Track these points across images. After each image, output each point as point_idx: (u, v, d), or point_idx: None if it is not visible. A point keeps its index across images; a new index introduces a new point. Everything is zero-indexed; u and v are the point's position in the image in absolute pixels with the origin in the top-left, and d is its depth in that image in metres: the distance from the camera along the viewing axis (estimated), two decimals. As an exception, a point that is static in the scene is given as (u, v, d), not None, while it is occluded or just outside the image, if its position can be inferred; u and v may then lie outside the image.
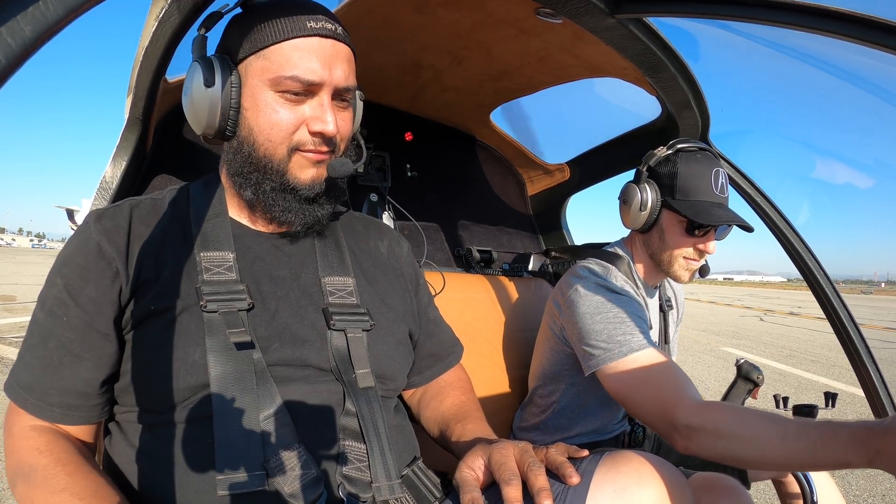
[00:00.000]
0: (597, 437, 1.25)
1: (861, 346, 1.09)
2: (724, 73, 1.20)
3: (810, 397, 4.34)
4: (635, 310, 1.05)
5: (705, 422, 0.85)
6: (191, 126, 0.71)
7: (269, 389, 0.64)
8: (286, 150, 0.68)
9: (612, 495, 0.64)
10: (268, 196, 0.70)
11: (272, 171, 0.68)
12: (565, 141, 1.75)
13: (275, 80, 0.65)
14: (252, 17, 0.67)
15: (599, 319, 1.04)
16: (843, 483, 2.59)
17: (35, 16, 0.26)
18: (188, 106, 0.69)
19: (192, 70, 0.68)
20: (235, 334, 0.63)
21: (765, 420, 0.79)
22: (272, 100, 0.66)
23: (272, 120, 0.66)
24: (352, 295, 0.77)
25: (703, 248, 1.10)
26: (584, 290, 1.09)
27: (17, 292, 9.40)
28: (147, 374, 0.62)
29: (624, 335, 1.01)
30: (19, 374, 0.63)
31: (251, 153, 0.68)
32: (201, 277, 0.66)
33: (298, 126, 0.67)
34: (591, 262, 1.18)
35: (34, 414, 0.62)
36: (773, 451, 0.76)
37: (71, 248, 0.65)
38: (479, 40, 1.20)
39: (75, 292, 0.63)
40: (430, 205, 1.71)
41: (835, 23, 0.65)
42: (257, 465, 0.60)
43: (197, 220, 0.71)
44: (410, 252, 0.96)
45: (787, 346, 7.73)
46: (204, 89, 0.65)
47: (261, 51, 0.65)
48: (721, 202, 1.07)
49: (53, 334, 0.62)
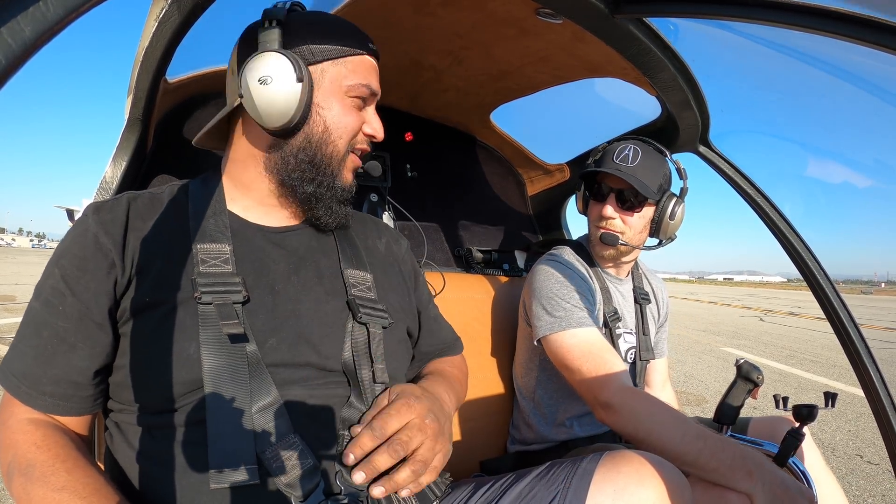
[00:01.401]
0: (593, 430, 1.26)
1: (861, 346, 1.09)
2: (724, 73, 1.20)
3: (810, 397, 4.34)
4: (580, 287, 1.18)
5: (623, 404, 0.98)
6: (259, 118, 0.68)
7: (263, 382, 0.64)
8: (345, 150, 0.75)
9: (612, 495, 0.64)
10: (324, 192, 0.75)
11: (329, 169, 0.74)
12: (565, 141, 1.75)
13: (353, 86, 0.73)
14: (324, 25, 0.72)
15: (546, 292, 1.17)
16: (844, 483, 2.59)
17: (35, 16, 0.26)
18: (269, 97, 0.67)
19: (273, 62, 0.66)
20: (228, 326, 0.63)
21: (673, 418, 0.94)
22: (347, 103, 0.74)
23: (346, 120, 0.74)
24: (371, 290, 0.79)
25: (601, 213, 1.22)
26: (536, 267, 1.26)
27: (17, 292, 9.40)
28: (143, 369, 0.62)
29: (565, 311, 1.13)
30: (12, 363, 0.63)
31: (319, 149, 0.73)
32: (197, 269, 0.66)
33: (360, 128, 0.76)
34: (553, 249, 1.33)
35: (26, 403, 0.62)
36: (673, 447, 0.89)
37: (69, 240, 0.66)
38: (479, 40, 1.20)
39: (72, 282, 0.63)
40: (430, 205, 1.71)
41: (835, 23, 0.65)
42: (250, 459, 0.60)
43: (195, 215, 0.72)
44: (409, 250, 0.97)
45: (787, 346, 7.73)
46: (295, 83, 0.67)
47: (340, 59, 0.72)
48: (609, 168, 1.19)
49: (48, 323, 0.62)
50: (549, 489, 0.71)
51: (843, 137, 1.64)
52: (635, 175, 1.16)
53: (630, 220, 1.21)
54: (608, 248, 1.24)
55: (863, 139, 1.74)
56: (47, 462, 0.57)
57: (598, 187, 1.25)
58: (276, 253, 0.74)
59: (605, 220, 1.22)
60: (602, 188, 1.23)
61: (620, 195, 1.21)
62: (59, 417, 0.64)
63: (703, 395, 4.36)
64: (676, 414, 0.96)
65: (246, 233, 0.74)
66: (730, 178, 1.26)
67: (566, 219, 1.96)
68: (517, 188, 1.99)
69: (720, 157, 1.29)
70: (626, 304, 1.33)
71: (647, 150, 1.20)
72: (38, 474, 0.56)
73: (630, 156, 1.19)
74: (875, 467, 2.84)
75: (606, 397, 1.01)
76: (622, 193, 1.20)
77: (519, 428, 1.35)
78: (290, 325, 0.69)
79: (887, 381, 1.07)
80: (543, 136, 1.82)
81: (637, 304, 1.36)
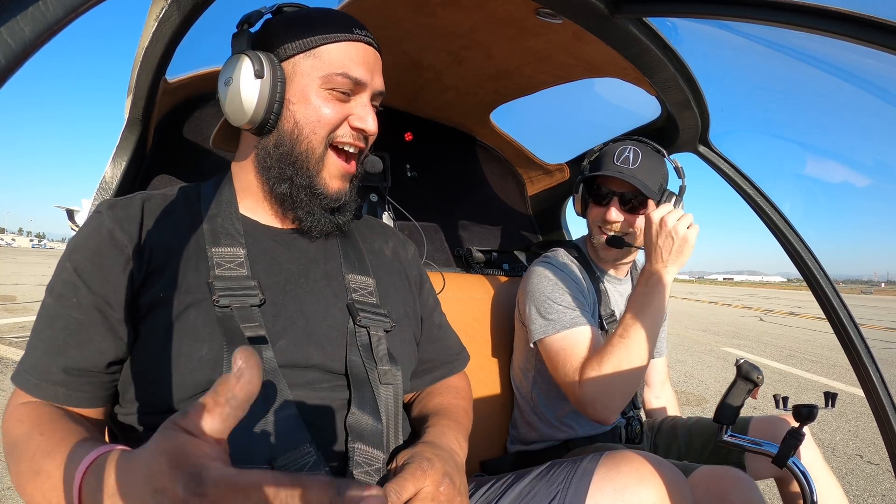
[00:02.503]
0: (593, 430, 1.26)
1: (861, 346, 1.09)
2: (724, 73, 1.20)
3: (810, 397, 4.34)
4: (574, 289, 1.19)
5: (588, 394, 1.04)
6: (229, 118, 0.71)
7: (279, 388, 0.63)
8: (324, 146, 0.71)
9: (612, 495, 0.64)
10: (300, 192, 0.72)
11: (306, 167, 0.71)
12: (565, 141, 1.75)
13: (327, 77, 0.69)
14: (298, 20, 0.70)
15: (539, 295, 1.19)
16: (844, 483, 2.59)
17: (35, 16, 0.26)
18: (231, 96, 0.69)
19: (235, 62, 0.68)
20: (250, 328, 0.63)
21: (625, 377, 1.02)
22: (322, 95, 0.69)
23: (320, 114, 0.70)
24: (372, 295, 0.78)
25: (605, 217, 1.22)
26: (531, 270, 1.27)
27: (17, 292, 9.40)
28: (153, 368, 0.62)
29: (558, 313, 1.15)
30: (25, 360, 0.62)
31: (293, 147, 0.70)
32: (213, 273, 0.66)
33: (341, 122, 0.71)
34: (550, 251, 1.34)
35: (34, 394, 0.61)
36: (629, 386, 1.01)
37: (83, 235, 0.65)
38: (479, 40, 1.20)
39: (86, 275, 0.62)
40: (429, 205, 1.71)
41: (835, 23, 0.65)
42: (264, 464, 0.59)
43: (208, 217, 0.72)
44: (416, 255, 0.96)
45: (786, 346, 7.73)
46: (254, 80, 0.67)
47: (312, 50, 0.69)
48: (613, 171, 1.19)
49: (61, 315, 0.61)
50: (550, 489, 0.71)
51: (843, 137, 1.64)
52: (638, 177, 1.17)
53: (634, 221, 1.22)
54: (613, 250, 1.24)
55: (863, 139, 1.74)
56: (26, 433, 0.56)
57: (598, 190, 1.25)
58: (287, 254, 0.74)
59: (610, 223, 1.22)
60: (603, 191, 1.23)
61: (623, 197, 1.21)
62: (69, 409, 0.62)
63: (703, 395, 4.36)
64: (627, 373, 1.02)
65: (257, 234, 0.74)
66: (729, 177, 1.26)
67: (566, 219, 1.96)
68: (517, 188, 1.99)
69: (720, 157, 1.29)
70: (624, 305, 1.34)
71: (646, 151, 1.20)
72: (20, 449, 0.55)
73: (630, 157, 1.19)
74: (875, 467, 2.84)
75: (580, 393, 1.06)
76: (624, 195, 1.21)
77: (519, 427, 1.35)
78: (299, 327, 0.69)
79: (887, 381, 1.07)
80: (543, 136, 1.82)
81: None
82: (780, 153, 1.74)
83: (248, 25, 0.72)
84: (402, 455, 0.65)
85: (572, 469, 0.71)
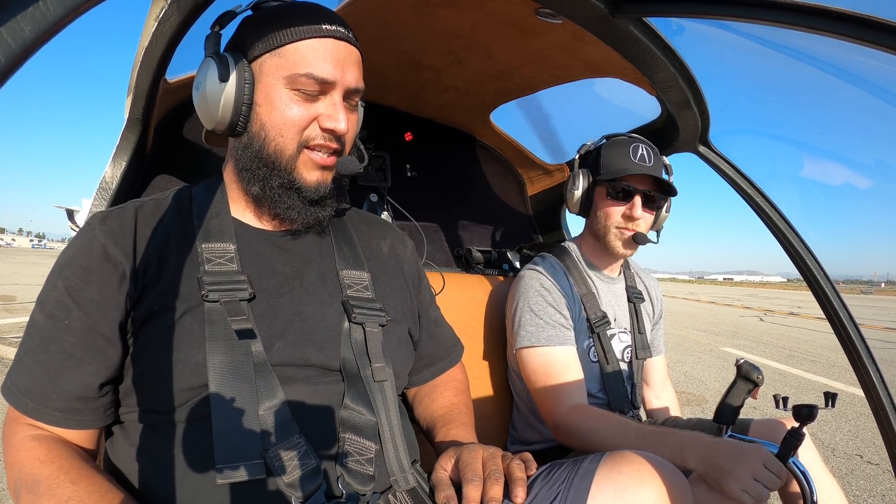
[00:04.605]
0: None
1: (861, 346, 1.09)
2: (724, 73, 1.20)
3: (810, 397, 4.34)
4: (556, 300, 1.19)
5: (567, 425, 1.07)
6: (202, 121, 0.71)
7: (269, 381, 0.64)
8: (296, 147, 0.69)
9: (612, 495, 0.64)
10: (274, 192, 0.71)
11: (280, 168, 0.70)
12: (565, 141, 1.75)
13: (290, 77, 0.67)
14: (267, 17, 0.69)
15: (521, 304, 1.20)
16: (844, 483, 2.59)
17: (35, 16, 0.26)
18: (200, 100, 0.70)
19: (204, 66, 0.69)
20: (237, 322, 0.63)
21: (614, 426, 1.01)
22: (286, 97, 0.67)
23: (285, 116, 0.68)
24: (368, 289, 0.78)
25: (630, 214, 1.20)
26: (518, 275, 1.28)
27: (17, 292, 9.39)
28: (150, 377, 0.62)
29: (536, 326, 1.16)
30: (18, 378, 0.62)
31: (261, 149, 0.69)
32: (202, 268, 0.66)
33: (310, 123, 0.69)
34: (538, 256, 1.33)
35: (35, 418, 0.62)
36: (629, 445, 0.93)
37: (73, 250, 0.65)
38: (479, 40, 1.20)
39: (77, 294, 0.62)
40: (429, 205, 1.71)
41: (835, 23, 0.65)
42: (255, 455, 0.60)
43: (199, 217, 0.72)
44: (414, 252, 0.96)
45: (786, 347, 7.73)
46: (218, 84, 0.66)
47: (277, 49, 0.67)
48: (639, 169, 1.18)
49: (54, 338, 0.61)
50: (551, 489, 0.71)
51: (844, 137, 1.64)
52: (659, 173, 1.19)
53: (651, 218, 1.24)
54: (627, 249, 1.24)
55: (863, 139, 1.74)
56: (52, 476, 0.57)
57: (619, 188, 1.21)
58: (280, 257, 0.74)
59: (634, 220, 1.21)
60: (628, 189, 1.20)
61: (646, 195, 1.21)
62: (69, 431, 0.64)
63: (703, 395, 4.36)
64: (617, 421, 1.03)
65: (248, 237, 0.74)
66: (729, 178, 1.26)
67: (566, 219, 1.96)
68: (517, 188, 1.99)
69: (720, 157, 1.29)
70: (619, 304, 1.34)
71: (653, 147, 1.22)
72: (43, 489, 0.56)
73: (646, 154, 1.20)
74: (875, 467, 2.84)
75: (556, 418, 1.09)
76: (647, 193, 1.21)
77: (519, 428, 1.35)
78: (295, 328, 0.69)
79: (887, 381, 1.07)
80: (543, 136, 1.82)
81: (631, 303, 1.36)
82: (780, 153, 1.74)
83: (220, 27, 0.72)
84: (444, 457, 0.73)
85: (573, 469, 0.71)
